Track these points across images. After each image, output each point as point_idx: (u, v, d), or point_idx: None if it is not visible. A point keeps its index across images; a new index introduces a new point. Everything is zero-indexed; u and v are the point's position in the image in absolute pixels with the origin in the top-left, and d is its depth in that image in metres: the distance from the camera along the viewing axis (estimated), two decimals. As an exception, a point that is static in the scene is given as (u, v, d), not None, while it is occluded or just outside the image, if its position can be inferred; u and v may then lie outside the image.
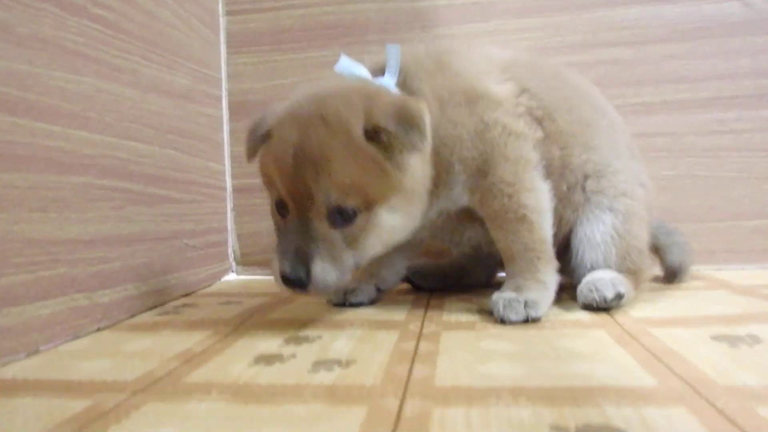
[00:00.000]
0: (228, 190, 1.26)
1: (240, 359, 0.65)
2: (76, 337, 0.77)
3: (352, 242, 0.72)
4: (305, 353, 0.67)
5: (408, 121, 0.70)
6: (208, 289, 1.13)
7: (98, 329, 0.82)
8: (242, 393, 0.55)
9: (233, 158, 1.26)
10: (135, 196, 0.93)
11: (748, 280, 1.04)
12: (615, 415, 0.46)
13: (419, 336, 0.73)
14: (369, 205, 0.72)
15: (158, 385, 0.57)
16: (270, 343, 0.71)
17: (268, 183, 0.76)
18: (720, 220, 1.17)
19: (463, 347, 0.67)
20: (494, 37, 1.20)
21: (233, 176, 1.26)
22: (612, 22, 1.18)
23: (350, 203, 0.70)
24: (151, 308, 0.95)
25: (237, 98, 1.26)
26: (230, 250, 1.27)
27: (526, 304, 0.77)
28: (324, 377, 0.58)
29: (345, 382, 0.57)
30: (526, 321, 0.77)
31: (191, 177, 1.10)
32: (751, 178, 1.16)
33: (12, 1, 0.69)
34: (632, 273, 0.87)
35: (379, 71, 0.82)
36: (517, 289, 0.80)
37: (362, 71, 0.81)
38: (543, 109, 0.85)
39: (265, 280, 1.24)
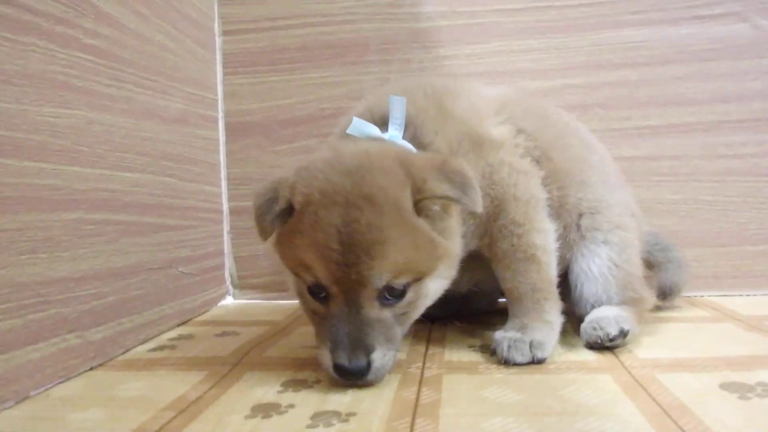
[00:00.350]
0: (224, 213, 1.25)
1: (236, 410, 0.63)
2: (68, 378, 0.75)
3: (401, 317, 0.71)
4: (304, 402, 0.65)
5: (464, 183, 0.68)
6: (205, 316, 1.11)
7: (91, 368, 0.80)
8: None
9: (230, 180, 1.25)
10: (129, 227, 0.91)
11: (754, 309, 1.03)
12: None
13: (421, 381, 0.72)
14: (419, 279, 0.70)
15: None
16: (267, 389, 0.70)
17: (300, 266, 0.69)
18: (725, 245, 1.16)
19: (467, 397, 0.66)
20: (497, 57, 1.19)
21: (230, 198, 1.25)
22: (617, 44, 1.17)
23: (402, 281, 0.68)
24: (145, 341, 0.93)
25: (234, 119, 1.24)
26: (227, 274, 1.25)
27: (531, 345, 0.77)
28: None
29: None
30: (532, 362, 0.76)
31: (187, 202, 1.09)
32: (757, 203, 1.15)
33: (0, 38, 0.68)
34: (634, 302, 0.88)
35: (382, 124, 0.79)
36: (522, 328, 0.79)
37: (375, 131, 0.78)
38: (540, 149, 0.85)
39: (262, 304, 1.23)
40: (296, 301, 1.21)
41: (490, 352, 0.80)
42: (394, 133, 0.78)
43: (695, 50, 1.16)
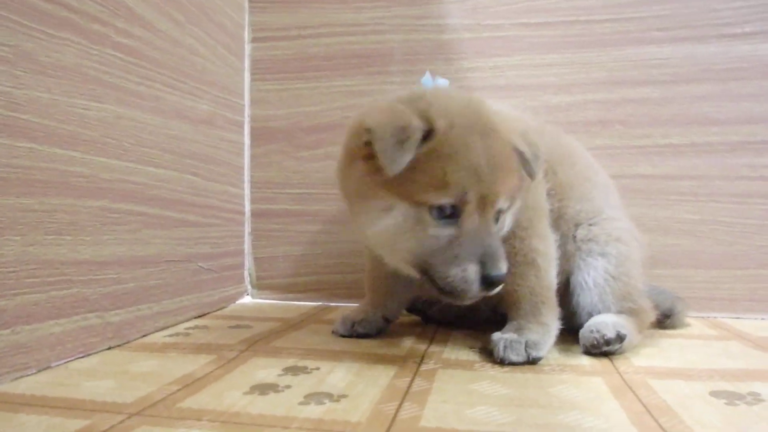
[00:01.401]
0: (246, 215, 1.32)
1: (237, 387, 0.70)
2: (87, 354, 0.83)
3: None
4: (300, 384, 0.71)
5: (537, 152, 0.79)
6: (222, 312, 1.18)
7: (109, 348, 0.87)
8: (231, 422, 0.59)
9: (253, 183, 1.32)
10: (151, 219, 0.99)
11: (766, 332, 1.04)
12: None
13: (416, 372, 0.76)
14: (509, 207, 0.79)
15: (153, 409, 0.62)
16: (269, 372, 0.76)
17: (438, 188, 0.71)
18: (743, 268, 1.17)
19: (457, 388, 0.70)
20: (519, 71, 1.23)
21: (252, 201, 1.32)
22: (640, 60, 1.20)
23: (506, 204, 0.77)
24: (162, 329, 1.00)
25: (259, 124, 1.32)
26: (246, 274, 1.32)
27: (527, 345, 0.81)
28: (313, 411, 0.62)
29: (332, 416, 0.60)
30: (528, 362, 0.80)
31: (209, 201, 1.16)
32: (778, 227, 1.16)
33: (38, 31, 0.76)
34: (634, 313, 0.90)
35: None
36: (519, 330, 0.83)
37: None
38: (548, 164, 0.89)
39: (279, 304, 1.29)
40: (310, 303, 1.28)
41: (488, 352, 0.84)
42: None
43: (720, 69, 1.18)
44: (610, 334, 0.83)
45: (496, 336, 0.83)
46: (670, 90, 1.19)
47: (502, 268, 0.72)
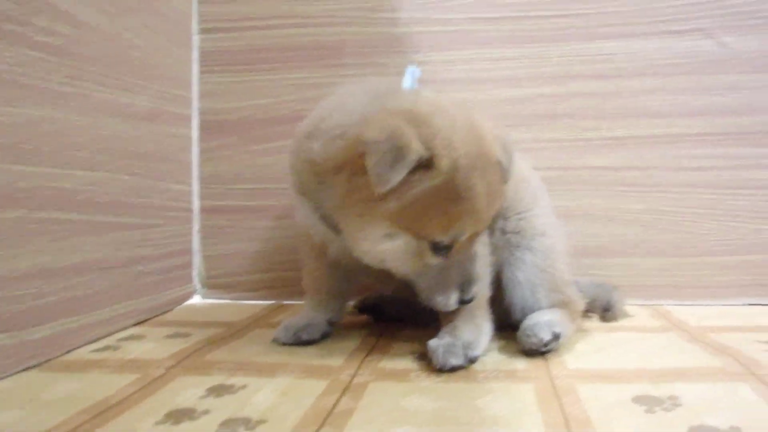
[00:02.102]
0: (195, 212, 1.19)
1: (152, 414, 0.60)
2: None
3: None
4: (221, 408, 0.62)
5: (511, 157, 0.76)
6: (167, 315, 1.06)
7: (26, 369, 0.74)
8: None
9: (202, 179, 1.19)
10: (81, 226, 0.85)
11: (706, 320, 1.01)
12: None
13: (347, 387, 0.68)
14: None
15: None
16: (191, 393, 0.66)
17: (439, 227, 0.69)
18: (686, 256, 1.14)
19: (383, 404, 0.63)
20: (471, 65, 1.16)
21: (202, 197, 1.19)
22: (587, 56, 1.14)
23: None
24: (93, 341, 0.87)
25: (209, 117, 1.19)
26: (195, 273, 1.19)
27: (464, 346, 0.76)
28: None
29: None
30: (468, 363, 0.75)
31: (151, 201, 1.03)
32: (717, 215, 1.13)
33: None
34: (564, 305, 0.88)
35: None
36: (453, 331, 0.78)
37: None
38: None
39: (229, 304, 1.18)
40: (262, 302, 1.17)
41: (428, 358, 0.76)
42: None
43: (662, 64, 1.14)
44: (547, 336, 0.80)
45: (434, 343, 0.76)
46: (615, 84, 1.14)
47: (474, 290, 0.75)
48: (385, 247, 0.71)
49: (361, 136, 0.66)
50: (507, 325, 0.85)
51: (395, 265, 0.74)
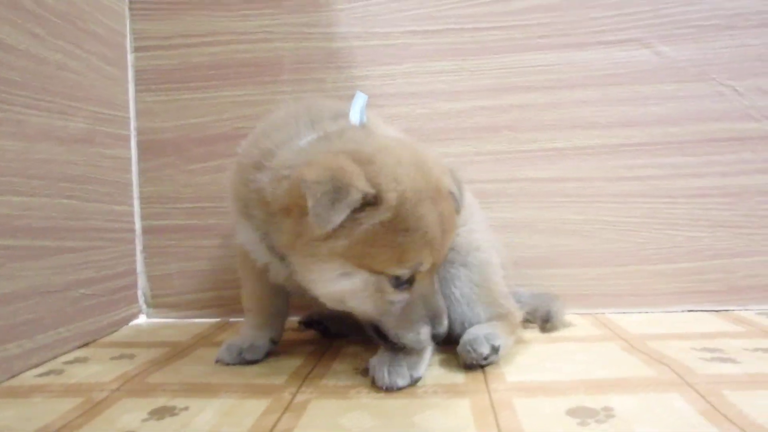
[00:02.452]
0: (137, 232, 1.20)
1: None
2: None
3: None
4: (162, 431, 0.63)
5: (462, 190, 0.80)
6: (113, 336, 1.07)
7: None
8: None
9: (143, 199, 1.20)
10: (19, 252, 0.86)
11: (645, 328, 1.03)
12: None
13: (287, 406, 0.70)
14: None
15: None
16: (133, 417, 0.68)
17: (395, 261, 0.70)
18: (625, 264, 1.16)
19: (323, 423, 0.65)
20: (409, 78, 1.16)
21: (143, 217, 1.20)
22: (526, 67, 1.16)
23: None
24: (37, 365, 0.88)
25: (147, 137, 1.19)
26: (140, 293, 1.20)
27: (408, 366, 0.77)
28: None
29: None
30: (413, 383, 0.76)
31: (91, 223, 1.04)
32: (656, 224, 1.15)
33: None
34: (502, 318, 0.90)
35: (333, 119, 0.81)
36: (395, 349, 0.78)
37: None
38: None
39: (175, 323, 1.19)
40: (208, 320, 1.18)
41: (370, 378, 0.78)
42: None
43: (599, 75, 1.15)
44: (486, 350, 0.82)
45: (375, 361, 0.78)
46: (554, 95, 1.16)
47: (445, 323, 0.76)
48: (343, 287, 0.72)
49: (302, 177, 0.66)
50: (447, 340, 0.85)
51: (356, 305, 0.74)
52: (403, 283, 0.72)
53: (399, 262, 0.70)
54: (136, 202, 1.19)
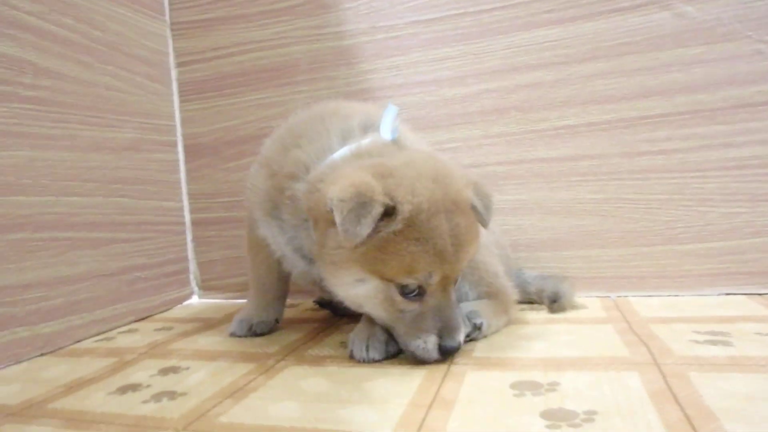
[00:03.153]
0: (187, 224, 1.39)
1: (108, 387, 0.79)
2: (18, 361, 0.95)
3: None
4: (160, 384, 0.79)
5: (489, 204, 0.82)
6: (165, 314, 1.27)
7: (41, 354, 0.99)
8: (78, 419, 0.69)
9: (190, 195, 1.39)
10: (77, 242, 1.08)
11: (661, 312, 0.99)
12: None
13: (266, 371, 0.81)
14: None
15: (29, 410, 0.73)
16: (145, 373, 0.84)
17: (407, 270, 0.74)
18: (649, 245, 1.11)
19: (286, 384, 0.75)
20: (416, 68, 1.21)
21: (191, 211, 1.39)
22: (531, 45, 1.14)
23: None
24: (97, 334, 1.10)
25: (191, 141, 1.38)
26: (192, 277, 1.40)
27: (385, 342, 0.83)
28: (146, 408, 0.70)
29: (159, 414, 0.68)
30: (388, 356, 0.82)
31: (142, 218, 1.24)
32: (684, 200, 1.08)
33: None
34: (492, 296, 0.93)
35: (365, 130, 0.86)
36: (373, 324, 0.84)
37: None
38: None
39: (220, 303, 1.37)
40: (239, 301, 1.34)
41: (348, 351, 0.85)
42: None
43: (612, 45, 1.10)
44: (467, 329, 0.86)
45: (352, 335, 0.85)
46: (562, 71, 1.13)
47: (458, 338, 0.78)
48: (358, 292, 0.77)
49: (329, 194, 0.72)
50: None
51: (371, 311, 0.80)
52: (412, 294, 0.76)
53: (408, 271, 0.74)
54: (185, 199, 1.39)
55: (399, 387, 0.71)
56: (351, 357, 0.84)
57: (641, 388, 0.66)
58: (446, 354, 0.77)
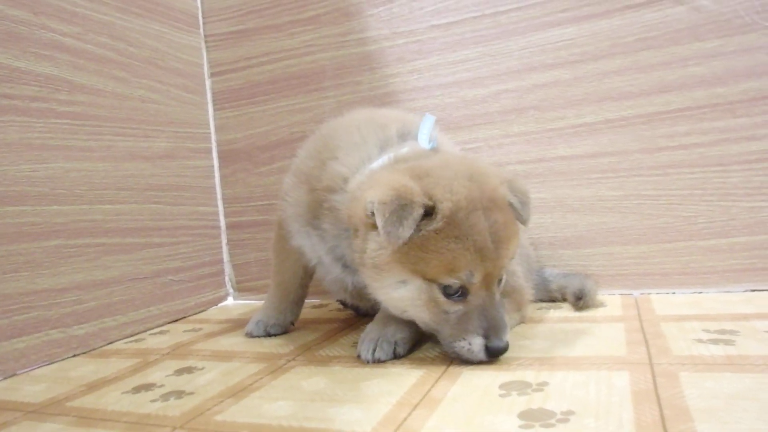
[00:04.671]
0: (222, 228, 1.54)
1: (125, 386, 0.89)
2: (52, 362, 1.08)
3: None
4: (173, 384, 0.89)
5: (526, 200, 0.86)
6: (200, 315, 1.41)
7: (74, 355, 1.12)
8: (89, 417, 0.79)
9: (225, 200, 1.53)
10: (111, 248, 1.22)
11: (680, 309, 1.04)
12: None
13: (274, 371, 0.90)
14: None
15: (50, 407, 0.84)
16: (162, 373, 0.95)
17: (448, 269, 0.78)
18: (672, 241, 1.16)
19: (284, 385, 0.83)
20: (436, 71, 1.31)
21: (226, 215, 1.53)
22: (548, 44, 1.22)
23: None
24: (131, 335, 1.24)
25: (224, 147, 1.52)
26: (227, 279, 1.54)
27: (394, 344, 0.89)
28: (152, 406, 0.79)
29: (163, 412, 0.77)
30: (394, 358, 0.89)
31: (177, 223, 1.39)
32: (706, 195, 1.13)
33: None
34: (507, 294, 0.97)
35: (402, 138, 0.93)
36: (384, 327, 0.92)
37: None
38: None
39: (254, 304, 1.49)
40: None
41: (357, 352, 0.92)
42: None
43: (628, 41, 1.16)
44: None
45: (363, 336, 0.92)
46: (579, 69, 1.20)
47: (504, 338, 0.81)
48: (401, 294, 0.82)
49: (369, 199, 0.78)
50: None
51: (415, 314, 0.83)
52: (455, 294, 0.80)
53: (449, 270, 0.78)
54: (219, 203, 1.53)
55: (393, 386, 0.77)
56: (358, 357, 0.90)
57: (627, 387, 0.70)
58: (494, 355, 0.80)
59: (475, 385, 0.75)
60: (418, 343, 0.94)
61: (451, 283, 0.79)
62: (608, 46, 1.18)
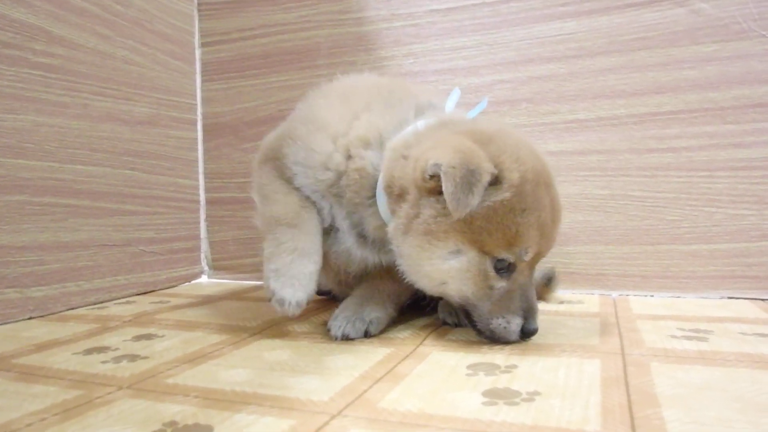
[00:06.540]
0: (201, 203, 1.60)
1: (78, 348, 0.91)
2: (5, 322, 1.10)
3: None
4: (128, 348, 0.91)
5: None
6: (171, 289, 1.47)
7: (30, 318, 1.15)
8: (32, 373, 0.80)
9: (206, 174, 1.59)
10: (80, 210, 1.26)
11: (655, 310, 1.10)
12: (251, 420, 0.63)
13: (237, 342, 0.93)
14: None
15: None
16: (119, 338, 0.97)
17: (509, 242, 0.79)
18: (655, 244, 1.23)
19: (245, 355, 0.86)
20: (432, 56, 1.38)
21: (206, 190, 1.59)
22: (546, 37, 1.29)
23: None
24: (94, 303, 1.28)
25: (210, 121, 1.59)
26: (203, 256, 1.60)
27: (366, 322, 0.93)
28: (102, 367, 0.81)
29: (112, 373, 0.79)
30: (365, 336, 0.93)
31: (153, 193, 1.44)
32: (691, 200, 1.21)
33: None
34: None
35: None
36: (359, 306, 0.96)
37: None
38: None
39: (228, 283, 1.55)
40: (257, 282, 1.52)
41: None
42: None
43: (626, 40, 1.24)
44: (454, 319, 0.99)
45: (336, 312, 0.95)
46: (575, 64, 1.28)
47: (537, 321, 0.85)
48: (451, 265, 0.81)
49: (432, 160, 0.77)
50: (424, 297, 1.01)
51: (457, 287, 0.83)
52: (504, 270, 0.82)
53: (509, 244, 0.79)
54: (201, 177, 1.59)
55: (358, 361, 0.80)
56: (328, 332, 0.93)
57: (597, 374, 0.73)
58: (527, 336, 0.85)
59: (442, 364, 0.79)
60: (390, 325, 0.99)
61: (506, 257, 0.81)
62: (606, 43, 1.26)
